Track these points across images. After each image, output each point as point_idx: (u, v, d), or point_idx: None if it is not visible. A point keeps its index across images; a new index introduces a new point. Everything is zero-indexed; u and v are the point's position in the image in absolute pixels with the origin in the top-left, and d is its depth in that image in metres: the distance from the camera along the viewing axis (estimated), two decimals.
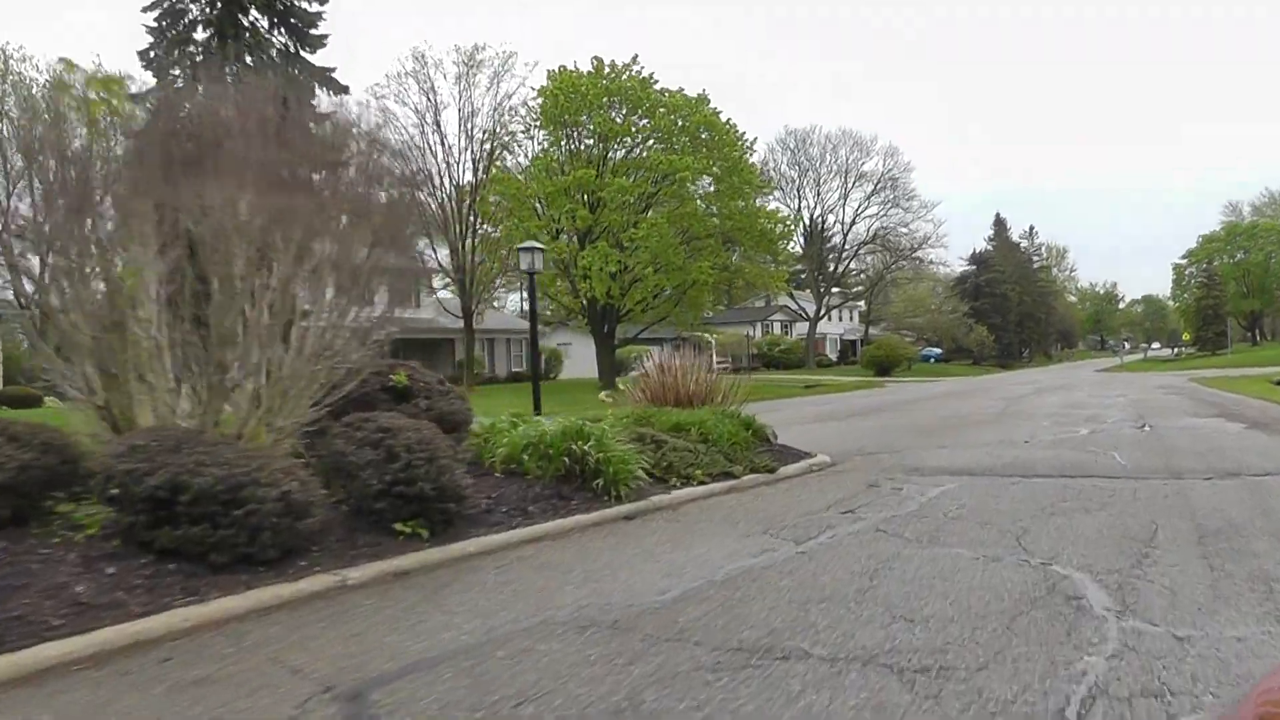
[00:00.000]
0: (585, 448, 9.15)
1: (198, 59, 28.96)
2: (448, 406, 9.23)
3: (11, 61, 34.86)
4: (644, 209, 42.08)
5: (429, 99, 43.58)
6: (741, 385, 14.30)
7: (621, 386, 14.08)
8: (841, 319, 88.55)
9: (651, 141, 42.98)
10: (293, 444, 8.29)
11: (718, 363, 68.76)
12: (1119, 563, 6.46)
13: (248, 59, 29.84)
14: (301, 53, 30.54)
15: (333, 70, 30.98)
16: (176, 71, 28.25)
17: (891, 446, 15.15)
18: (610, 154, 42.90)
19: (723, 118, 43.37)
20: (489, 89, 44.59)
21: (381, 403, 8.98)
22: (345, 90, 31.24)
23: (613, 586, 6.20)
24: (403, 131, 44.68)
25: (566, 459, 9.14)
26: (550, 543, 7.70)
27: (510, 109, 44.65)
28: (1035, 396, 30.93)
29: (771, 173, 70.56)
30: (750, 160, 45.73)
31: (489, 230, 46.00)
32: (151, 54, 28.62)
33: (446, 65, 53.05)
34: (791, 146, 77.02)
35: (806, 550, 7.16)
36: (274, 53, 30.02)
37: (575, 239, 41.39)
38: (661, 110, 42.56)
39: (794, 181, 77.44)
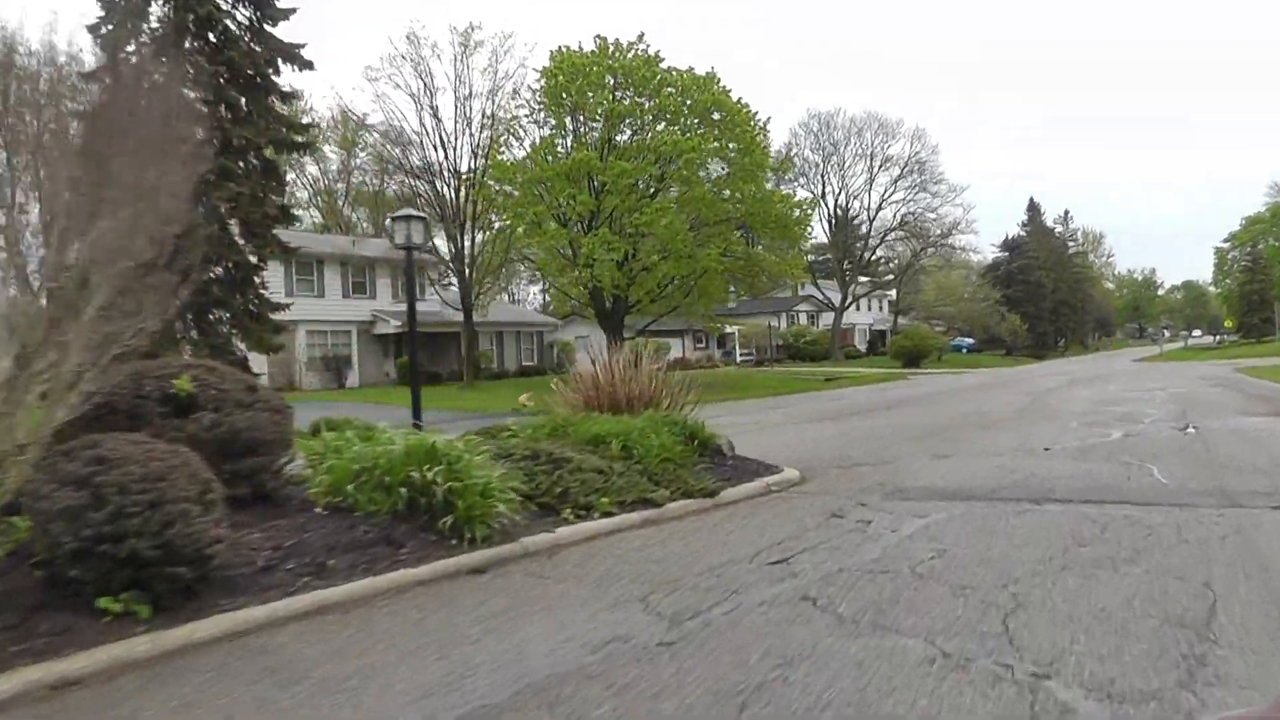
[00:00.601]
0: (431, 474, 6.83)
1: (156, 34, 26.98)
2: (245, 423, 6.91)
3: None
4: (652, 194, 39.68)
5: (424, 81, 41.28)
6: (694, 382, 11.82)
7: (554, 386, 11.76)
8: (870, 308, 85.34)
9: (661, 126, 40.56)
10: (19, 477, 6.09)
11: (741, 355, 66.48)
12: (1157, 677, 4.03)
13: (209, 36, 27.83)
14: (264, 26, 28.47)
15: (301, 46, 28.88)
16: (131, 48, 26.16)
17: (884, 455, 12.71)
18: (615, 137, 40.54)
19: (734, 97, 40.84)
20: (487, 69, 42.28)
21: (156, 416, 6.72)
22: (310, 66, 29.04)
23: (331, 716, 3.89)
24: (398, 117, 42.66)
25: (405, 490, 6.84)
26: (334, 619, 5.38)
27: (512, 91, 42.29)
28: (1066, 390, 28.19)
29: (795, 158, 67.55)
30: (764, 142, 43.02)
31: (490, 218, 43.71)
32: (103, 30, 26.67)
33: (443, 47, 50.80)
34: (815, 130, 73.67)
35: (679, 637, 4.77)
36: (234, 26, 27.96)
37: (581, 226, 39.15)
38: (669, 90, 40.12)
39: (818, 166, 74.24)
